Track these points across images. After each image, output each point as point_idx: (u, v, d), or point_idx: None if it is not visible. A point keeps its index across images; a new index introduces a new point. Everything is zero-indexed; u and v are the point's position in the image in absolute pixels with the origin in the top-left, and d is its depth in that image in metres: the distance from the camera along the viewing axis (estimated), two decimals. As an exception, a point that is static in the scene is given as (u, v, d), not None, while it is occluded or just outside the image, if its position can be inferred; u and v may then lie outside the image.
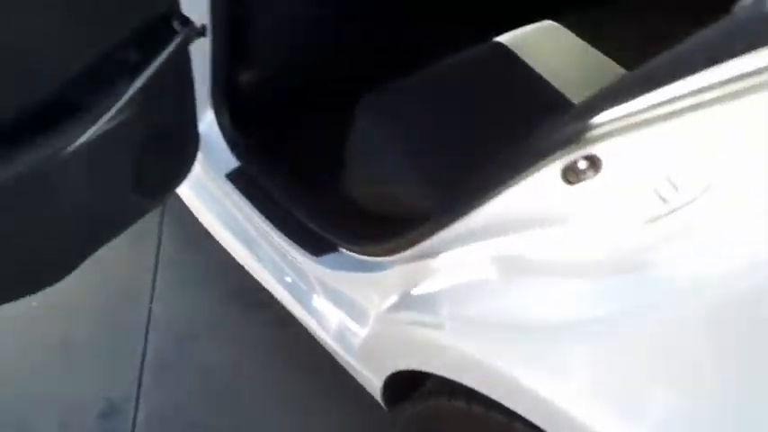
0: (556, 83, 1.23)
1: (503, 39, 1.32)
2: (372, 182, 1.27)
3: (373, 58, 1.45)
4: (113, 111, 0.94)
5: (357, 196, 1.29)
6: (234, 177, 1.44)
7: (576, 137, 0.65)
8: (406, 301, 1.06)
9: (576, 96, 1.16)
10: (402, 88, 1.27)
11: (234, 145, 1.42)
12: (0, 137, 0.83)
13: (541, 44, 1.33)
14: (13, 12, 0.78)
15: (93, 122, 0.92)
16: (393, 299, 1.09)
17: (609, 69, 1.26)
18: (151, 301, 1.68)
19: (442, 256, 0.97)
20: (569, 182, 0.70)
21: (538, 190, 0.75)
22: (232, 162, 1.44)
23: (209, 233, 1.51)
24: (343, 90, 1.26)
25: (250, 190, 1.42)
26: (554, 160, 0.69)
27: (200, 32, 1.16)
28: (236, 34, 1.32)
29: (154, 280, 1.72)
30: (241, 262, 1.47)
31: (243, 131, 1.44)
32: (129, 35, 0.97)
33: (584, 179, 0.68)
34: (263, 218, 1.36)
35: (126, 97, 0.95)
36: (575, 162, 0.68)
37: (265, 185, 1.38)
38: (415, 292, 1.04)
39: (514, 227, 0.82)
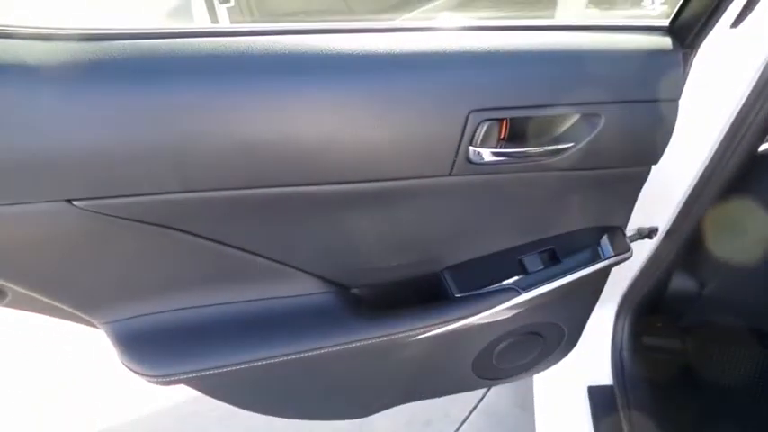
0: None
1: None
2: None
3: None
4: (502, 306, 0.83)
5: None
6: (595, 393, 1.19)
7: None
8: None
9: None
10: None
11: (620, 358, 1.17)
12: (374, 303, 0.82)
13: None
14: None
15: (477, 312, 0.83)
16: None
17: None
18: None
19: None
20: None
21: None
22: (601, 377, 1.19)
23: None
24: None
25: (606, 417, 1.15)
26: None
27: (648, 235, 0.97)
28: (689, 243, 1.07)
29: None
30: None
31: (637, 347, 1.17)
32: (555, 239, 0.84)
33: None
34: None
35: (526, 297, 0.83)
36: None
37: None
38: None
39: None
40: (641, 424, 1.09)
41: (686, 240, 1.04)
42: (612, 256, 0.85)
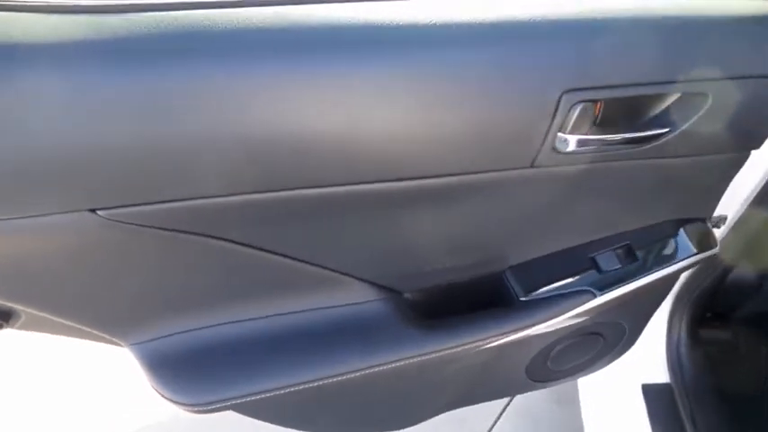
0: None
1: None
2: None
3: None
4: (575, 312, 0.75)
5: None
6: (651, 392, 1.11)
7: None
8: None
9: None
10: None
11: (678, 354, 1.09)
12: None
13: None
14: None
15: (546, 319, 0.74)
16: None
17: None
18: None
19: None
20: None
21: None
22: (656, 374, 1.12)
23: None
24: None
25: (666, 418, 1.08)
26: None
27: (715, 225, 0.89)
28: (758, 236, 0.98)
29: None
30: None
31: (697, 342, 1.10)
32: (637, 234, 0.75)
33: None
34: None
35: (597, 302, 0.74)
36: None
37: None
38: None
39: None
40: (707, 423, 1.02)
41: (755, 232, 0.95)
42: (697, 253, 0.76)
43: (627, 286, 0.75)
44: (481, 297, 0.78)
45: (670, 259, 0.76)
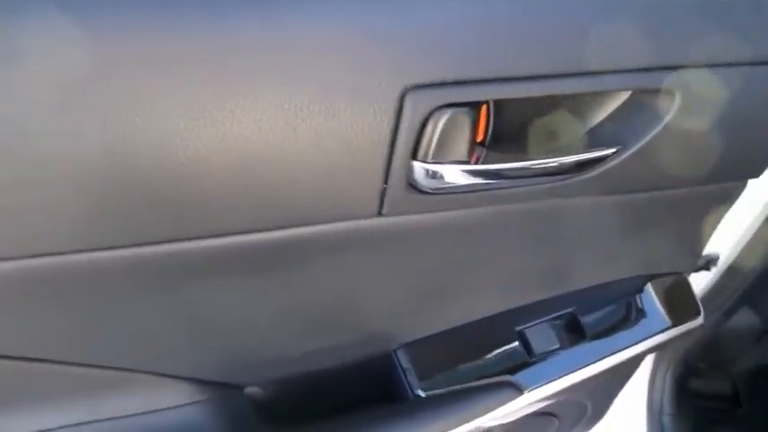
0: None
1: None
2: None
3: None
4: (494, 414, 0.51)
5: None
6: None
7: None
8: None
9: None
10: None
11: (661, 425, 0.86)
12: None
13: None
14: None
15: (454, 426, 0.51)
16: None
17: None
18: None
19: None
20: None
21: None
22: None
23: None
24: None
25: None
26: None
27: (705, 266, 0.66)
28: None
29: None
30: None
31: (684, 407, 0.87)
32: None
33: None
34: None
35: (525, 401, 0.51)
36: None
37: None
38: None
39: None
40: None
41: (758, 273, 0.72)
42: (674, 326, 0.52)
43: (570, 377, 0.51)
44: (360, 389, 0.54)
45: (634, 335, 0.52)
